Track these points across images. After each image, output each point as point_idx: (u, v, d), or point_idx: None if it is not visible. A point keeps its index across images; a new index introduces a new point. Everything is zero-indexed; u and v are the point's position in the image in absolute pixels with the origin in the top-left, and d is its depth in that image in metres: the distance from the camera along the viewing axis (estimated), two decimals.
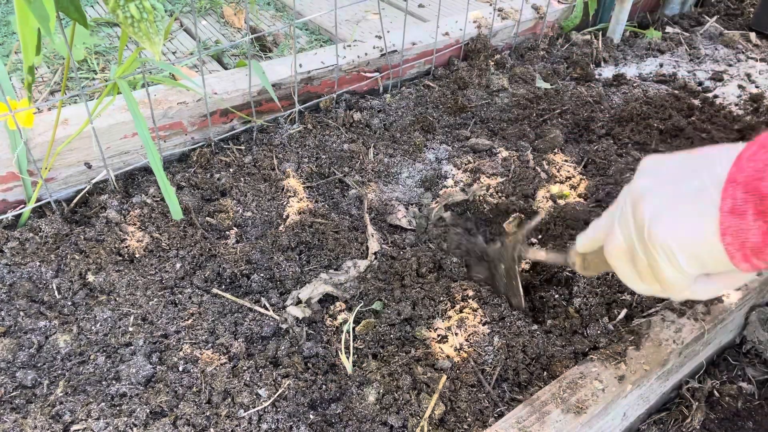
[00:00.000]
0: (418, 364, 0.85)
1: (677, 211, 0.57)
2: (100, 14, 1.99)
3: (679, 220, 0.57)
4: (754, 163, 0.52)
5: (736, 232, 0.53)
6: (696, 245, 0.56)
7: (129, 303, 0.92)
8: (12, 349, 0.83)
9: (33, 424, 0.74)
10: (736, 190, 0.53)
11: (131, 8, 0.71)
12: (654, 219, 0.58)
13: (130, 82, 1.53)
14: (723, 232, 0.53)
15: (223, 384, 0.80)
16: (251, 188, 1.15)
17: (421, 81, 1.54)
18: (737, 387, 0.98)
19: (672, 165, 0.61)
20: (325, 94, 1.39)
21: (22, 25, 0.83)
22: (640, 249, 0.60)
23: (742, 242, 0.53)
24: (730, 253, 0.54)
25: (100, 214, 1.05)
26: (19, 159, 1.00)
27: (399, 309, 0.92)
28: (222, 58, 1.81)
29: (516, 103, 1.47)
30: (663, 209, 0.58)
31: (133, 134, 1.13)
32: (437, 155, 1.29)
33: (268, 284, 0.97)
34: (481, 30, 1.62)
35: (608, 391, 0.78)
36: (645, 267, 0.61)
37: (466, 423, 0.79)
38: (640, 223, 0.60)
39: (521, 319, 0.91)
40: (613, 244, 0.64)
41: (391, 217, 1.12)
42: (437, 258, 1.03)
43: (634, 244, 0.61)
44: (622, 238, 0.63)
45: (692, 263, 0.57)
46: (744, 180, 0.52)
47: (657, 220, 0.58)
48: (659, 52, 1.84)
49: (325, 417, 0.79)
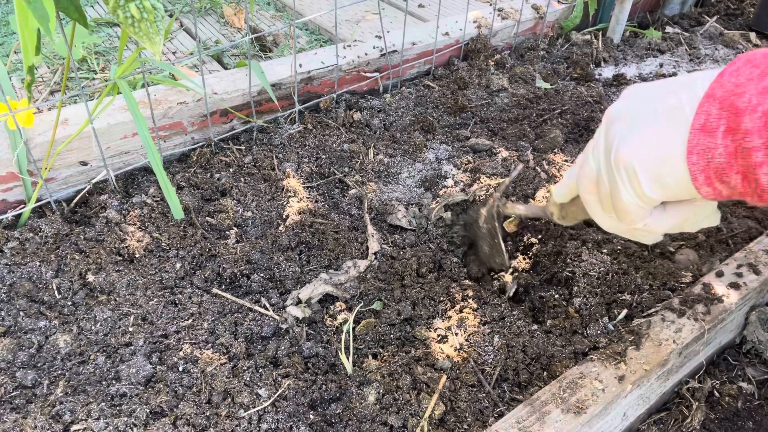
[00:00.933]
0: (418, 364, 0.85)
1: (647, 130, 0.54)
2: (100, 14, 1.99)
3: (646, 140, 0.54)
4: (736, 78, 0.49)
5: (703, 150, 0.50)
6: (660, 165, 0.53)
7: (129, 303, 0.92)
8: (12, 349, 0.83)
9: (33, 424, 0.74)
10: (712, 105, 0.49)
11: (131, 8, 0.71)
12: (622, 139, 0.56)
13: (130, 82, 1.53)
14: (690, 150, 0.50)
15: (223, 384, 0.80)
16: (251, 188, 1.15)
17: (421, 81, 1.54)
18: (737, 387, 0.98)
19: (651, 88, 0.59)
20: (325, 94, 1.39)
21: (22, 25, 0.83)
22: (605, 172, 0.58)
23: (708, 162, 0.50)
24: (694, 174, 0.51)
25: (100, 214, 1.05)
26: (19, 159, 1.00)
27: (399, 309, 0.92)
28: (222, 58, 1.81)
29: (516, 103, 1.47)
30: (633, 129, 0.55)
31: (133, 134, 1.13)
32: (437, 155, 1.29)
33: (268, 284, 0.97)
34: (481, 30, 1.62)
35: (608, 391, 0.78)
36: (606, 192, 0.59)
37: (466, 423, 0.79)
38: (609, 145, 0.57)
39: (521, 319, 0.91)
40: (584, 174, 0.62)
41: (391, 217, 1.12)
42: (437, 258, 1.03)
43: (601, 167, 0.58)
44: (594, 165, 0.60)
45: (653, 186, 0.54)
46: (722, 95, 0.49)
47: (624, 140, 0.55)
48: (659, 52, 1.84)
49: (325, 417, 0.79)
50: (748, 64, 0.49)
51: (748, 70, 0.48)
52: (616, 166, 0.56)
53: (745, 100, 0.47)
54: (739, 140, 0.47)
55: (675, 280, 0.98)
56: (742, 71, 0.49)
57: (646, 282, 0.98)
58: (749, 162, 0.47)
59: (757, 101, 0.46)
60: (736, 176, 0.49)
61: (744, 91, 0.47)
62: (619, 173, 0.56)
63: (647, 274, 0.99)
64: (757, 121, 0.46)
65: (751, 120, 0.46)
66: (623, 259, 1.02)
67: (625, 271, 0.99)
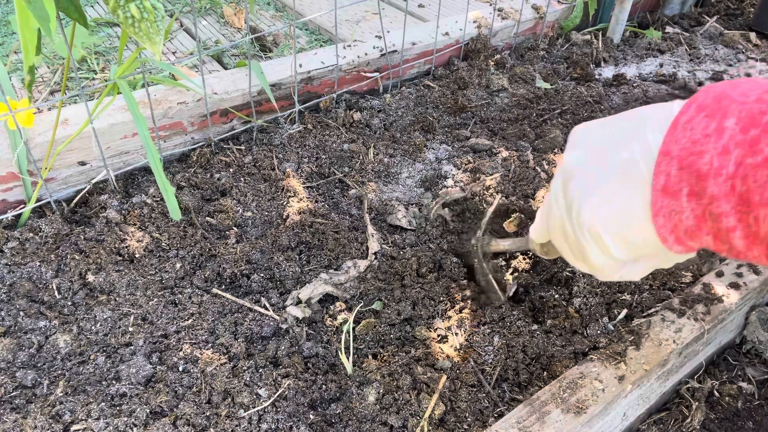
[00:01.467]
0: (418, 364, 0.85)
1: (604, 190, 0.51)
2: (100, 14, 1.99)
3: (605, 201, 0.51)
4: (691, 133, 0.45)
5: (668, 213, 0.46)
6: (624, 229, 0.50)
7: (129, 303, 0.92)
8: (12, 349, 0.83)
9: (33, 424, 0.74)
10: (670, 165, 0.45)
11: (132, 8, 0.71)
12: (581, 200, 0.53)
13: (130, 82, 1.53)
14: (655, 213, 0.47)
15: (223, 384, 0.80)
16: (251, 188, 1.15)
17: (421, 81, 1.54)
18: (737, 387, 0.98)
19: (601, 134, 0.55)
20: (325, 94, 1.39)
21: (22, 25, 0.83)
22: (570, 230, 0.56)
23: (675, 225, 0.47)
24: (662, 236, 0.48)
25: (100, 214, 1.05)
26: (19, 159, 1.00)
27: (399, 309, 0.92)
28: (222, 58, 1.81)
29: (516, 103, 1.47)
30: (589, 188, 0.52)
31: (133, 134, 1.13)
32: (437, 155, 1.29)
33: (268, 284, 0.97)
34: (481, 30, 1.62)
35: (608, 391, 0.78)
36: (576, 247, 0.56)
37: (466, 423, 0.79)
38: (569, 203, 0.55)
39: (521, 319, 0.91)
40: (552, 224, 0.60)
41: (391, 217, 1.12)
42: (437, 258, 1.03)
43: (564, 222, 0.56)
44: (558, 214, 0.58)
45: (621, 248, 0.52)
46: (679, 154, 0.45)
47: (583, 202, 0.53)
48: (659, 52, 1.84)
49: (325, 417, 0.79)
50: (701, 111, 0.45)
51: (702, 122, 0.44)
52: (580, 229, 0.54)
53: (706, 161, 0.43)
54: (705, 205, 0.44)
55: (675, 280, 0.98)
56: (696, 123, 0.45)
57: (646, 282, 0.97)
58: (719, 226, 0.44)
59: (719, 163, 0.42)
60: (707, 237, 0.46)
61: (703, 150, 0.43)
62: (584, 236, 0.54)
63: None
64: (723, 186, 0.42)
65: (716, 185, 0.43)
66: None
67: None
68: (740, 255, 0.45)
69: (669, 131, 0.46)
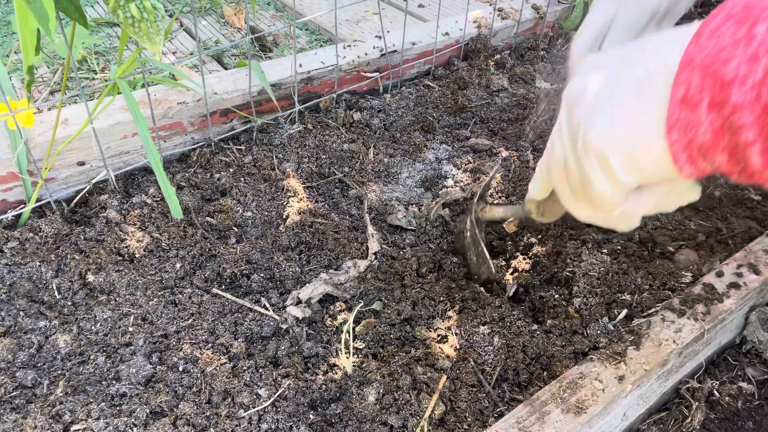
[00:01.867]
0: (418, 364, 0.85)
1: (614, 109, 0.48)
2: (100, 14, 1.99)
3: (615, 120, 0.48)
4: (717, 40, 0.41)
5: (684, 126, 0.44)
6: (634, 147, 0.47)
7: (129, 303, 0.92)
8: (12, 349, 0.83)
9: (33, 424, 0.74)
10: (692, 74, 0.42)
11: (132, 8, 0.71)
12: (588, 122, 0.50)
13: (130, 82, 1.53)
14: (670, 126, 0.44)
15: (223, 384, 0.80)
16: (251, 188, 1.15)
17: (421, 81, 1.54)
18: (737, 387, 0.98)
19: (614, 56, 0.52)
20: (325, 94, 1.39)
21: (22, 25, 0.83)
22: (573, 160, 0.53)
23: (690, 140, 0.44)
24: (674, 153, 0.45)
25: (100, 214, 1.05)
26: (19, 159, 1.00)
27: (399, 309, 0.92)
28: (222, 58, 1.81)
29: (516, 103, 1.47)
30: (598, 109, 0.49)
31: (133, 134, 1.13)
32: (437, 155, 1.29)
33: (268, 284, 0.97)
34: (481, 30, 1.62)
35: (608, 391, 0.78)
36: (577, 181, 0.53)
37: (466, 423, 0.79)
38: (574, 130, 0.52)
39: (521, 319, 0.91)
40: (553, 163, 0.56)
41: (391, 217, 1.12)
42: (437, 258, 1.03)
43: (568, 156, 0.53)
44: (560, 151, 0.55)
45: (628, 170, 0.49)
46: (702, 61, 0.42)
47: (590, 124, 0.50)
48: None
49: (325, 417, 0.79)
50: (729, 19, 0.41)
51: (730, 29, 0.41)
52: (585, 153, 0.51)
53: (733, 68, 0.40)
54: (727, 115, 0.41)
55: (675, 280, 0.98)
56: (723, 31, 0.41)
57: (646, 282, 0.97)
58: (738, 140, 0.41)
59: (747, 70, 0.39)
60: (722, 155, 0.43)
61: (730, 56, 0.40)
62: (589, 160, 0.51)
63: (647, 274, 0.99)
64: (748, 94, 0.39)
65: (740, 92, 0.39)
66: (623, 259, 1.02)
67: (625, 271, 0.99)
68: (754, 176, 0.43)
69: (693, 40, 0.43)
